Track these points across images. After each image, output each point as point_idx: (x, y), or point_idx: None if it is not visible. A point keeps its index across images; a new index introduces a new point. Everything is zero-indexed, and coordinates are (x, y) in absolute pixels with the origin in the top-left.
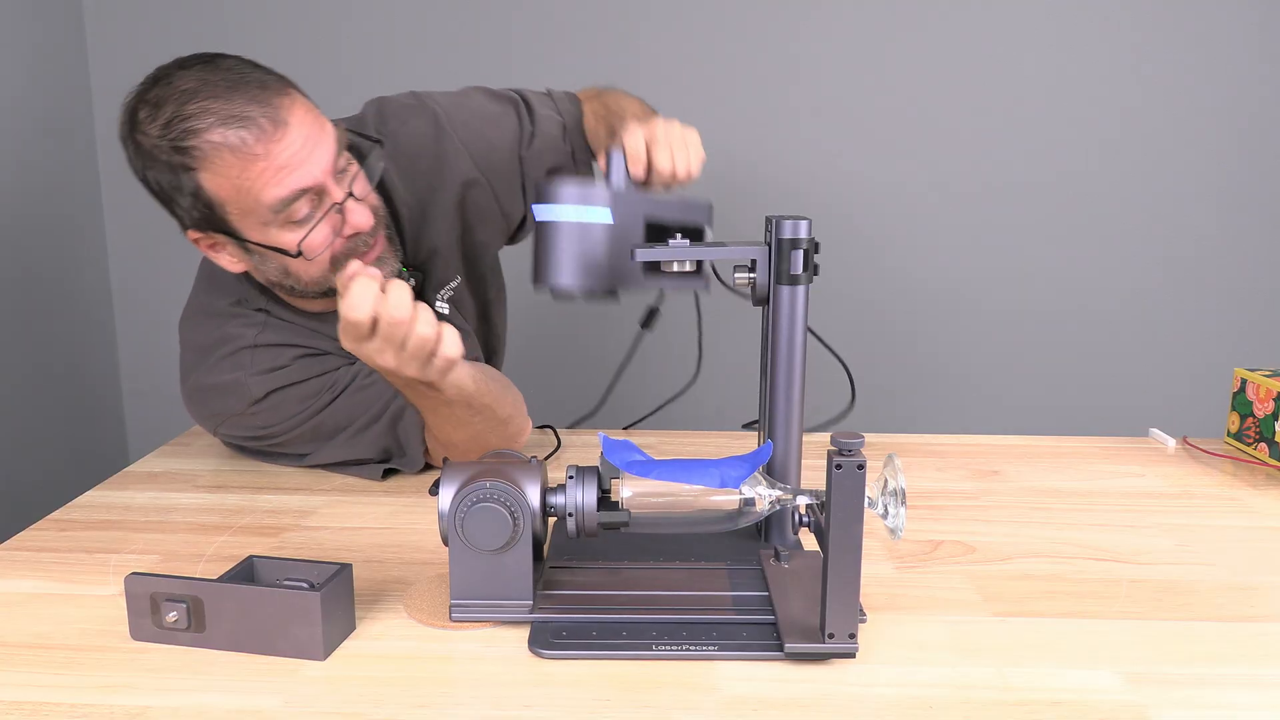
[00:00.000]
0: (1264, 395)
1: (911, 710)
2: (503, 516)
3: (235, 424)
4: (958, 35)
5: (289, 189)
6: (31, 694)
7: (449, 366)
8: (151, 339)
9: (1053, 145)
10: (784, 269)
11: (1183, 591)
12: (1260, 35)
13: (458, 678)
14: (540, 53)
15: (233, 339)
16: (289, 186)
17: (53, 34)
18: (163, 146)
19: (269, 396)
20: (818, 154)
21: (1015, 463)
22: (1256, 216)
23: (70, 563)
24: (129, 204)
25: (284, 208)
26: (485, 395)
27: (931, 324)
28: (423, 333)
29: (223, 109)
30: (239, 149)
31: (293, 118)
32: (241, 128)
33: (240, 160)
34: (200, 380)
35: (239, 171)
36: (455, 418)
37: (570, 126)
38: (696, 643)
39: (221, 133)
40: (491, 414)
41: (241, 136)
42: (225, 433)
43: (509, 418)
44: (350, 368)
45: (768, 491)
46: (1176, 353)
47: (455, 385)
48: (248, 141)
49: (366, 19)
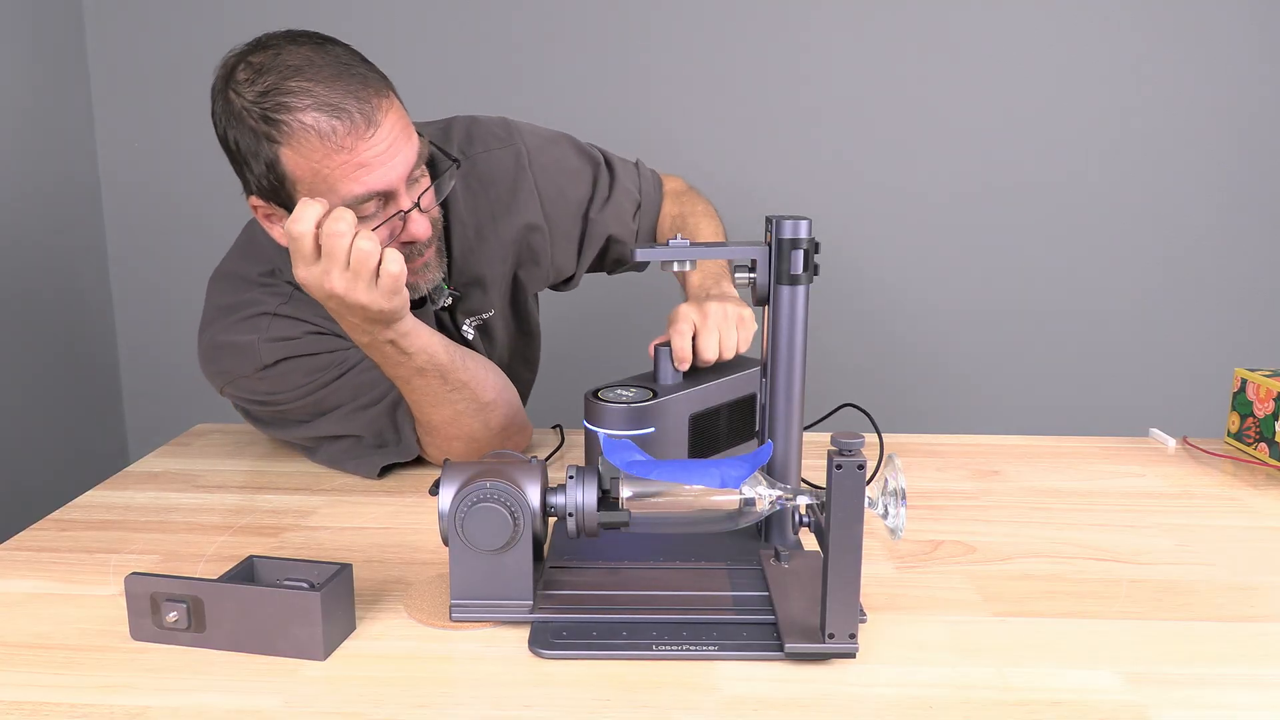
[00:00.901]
0: (1264, 395)
1: (911, 710)
2: (503, 516)
3: (241, 385)
4: (958, 36)
5: (365, 188)
6: (31, 694)
7: (395, 285)
8: (151, 339)
9: (1053, 145)
10: (784, 269)
11: (1183, 591)
12: (1260, 35)
13: (458, 678)
14: (543, 52)
15: (255, 303)
16: (366, 185)
17: (53, 34)
18: (254, 111)
19: (278, 364)
20: (818, 154)
21: (1015, 463)
22: (1256, 216)
23: (70, 563)
24: (129, 204)
25: (355, 204)
26: (460, 371)
27: (931, 324)
28: (363, 246)
29: (322, 94)
30: (328, 136)
31: (386, 120)
32: (335, 117)
33: (326, 147)
34: (216, 337)
35: (321, 157)
36: (430, 391)
37: (645, 208)
38: (696, 643)
39: (315, 116)
40: (470, 394)
41: (333, 125)
42: (232, 393)
43: (491, 403)
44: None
45: (768, 491)
46: (1176, 353)
47: (423, 350)
48: (339, 131)
49: (367, 19)
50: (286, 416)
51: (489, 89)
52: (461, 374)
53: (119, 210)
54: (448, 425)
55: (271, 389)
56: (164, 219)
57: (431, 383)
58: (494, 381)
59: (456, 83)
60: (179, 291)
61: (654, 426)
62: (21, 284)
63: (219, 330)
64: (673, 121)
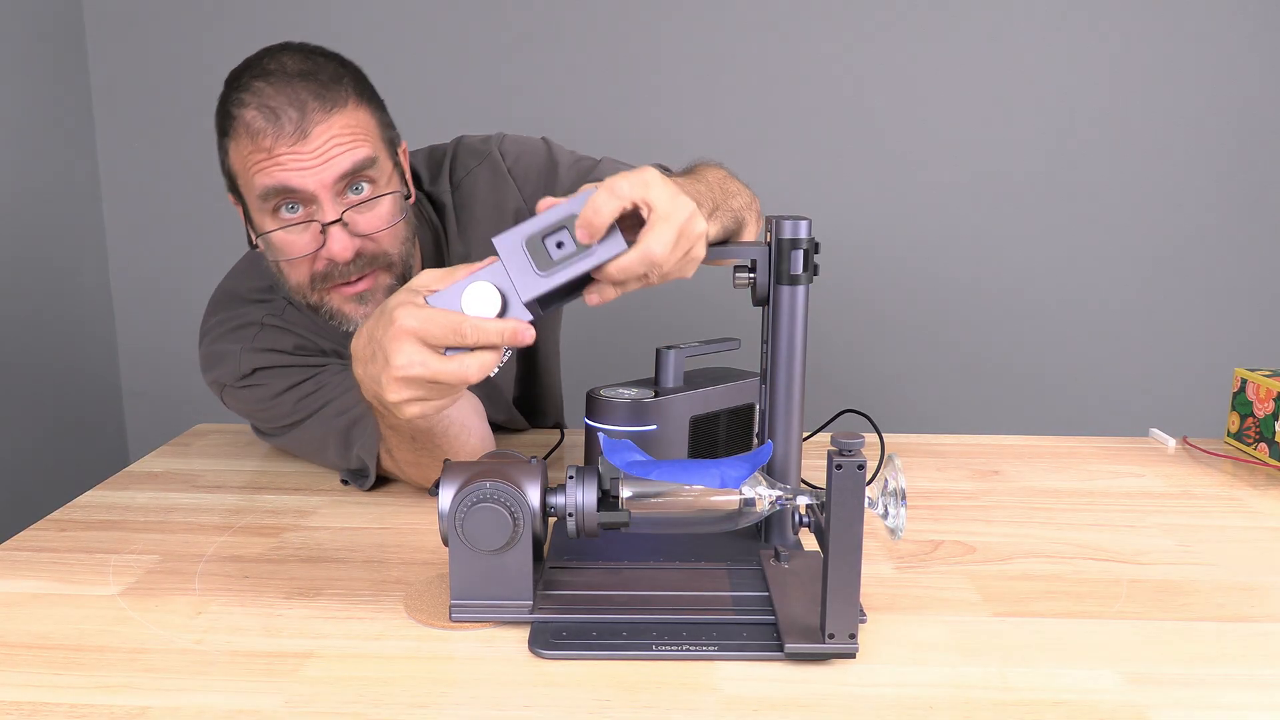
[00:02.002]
0: (1264, 395)
1: (911, 710)
2: (503, 516)
3: (233, 395)
4: (958, 36)
5: (274, 181)
6: (31, 694)
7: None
8: (151, 339)
9: (1053, 145)
10: (784, 269)
11: (1183, 591)
12: (1260, 35)
13: (458, 678)
14: (541, 52)
15: (245, 314)
16: (275, 179)
17: (53, 35)
18: (221, 105)
19: (255, 374)
20: (818, 154)
21: (1015, 463)
22: (1256, 216)
23: (70, 563)
24: (129, 204)
25: (267, 197)
26: (440, 438)
27: (931, 324)
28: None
29: (269, 94)
30: (255, 134)
31: (320, 133)
32: (266, 119)
33: (252, 145)
34: (208, 346)
35: (248, 152)
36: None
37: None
38: (696, 643)
39: (252, 114)
40: (442, 454)
41: (263, 126)
42: (230, 403)
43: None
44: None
45: (768, 491)
46: (1176, 353)
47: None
48: (265, 131)
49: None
50: (274, 423)
51: (489, 90)
52: (440, 440)
53: (119, 210)
54: (410, 466)
55: (256, 398)
56: (164, 219)
57: (405, 440)
58: (472, 447)
59: (457, 84)
60: (179, 292)
61: (655, 424)
62: (21, 284)
63: (211, 340)
64: (673, 122)
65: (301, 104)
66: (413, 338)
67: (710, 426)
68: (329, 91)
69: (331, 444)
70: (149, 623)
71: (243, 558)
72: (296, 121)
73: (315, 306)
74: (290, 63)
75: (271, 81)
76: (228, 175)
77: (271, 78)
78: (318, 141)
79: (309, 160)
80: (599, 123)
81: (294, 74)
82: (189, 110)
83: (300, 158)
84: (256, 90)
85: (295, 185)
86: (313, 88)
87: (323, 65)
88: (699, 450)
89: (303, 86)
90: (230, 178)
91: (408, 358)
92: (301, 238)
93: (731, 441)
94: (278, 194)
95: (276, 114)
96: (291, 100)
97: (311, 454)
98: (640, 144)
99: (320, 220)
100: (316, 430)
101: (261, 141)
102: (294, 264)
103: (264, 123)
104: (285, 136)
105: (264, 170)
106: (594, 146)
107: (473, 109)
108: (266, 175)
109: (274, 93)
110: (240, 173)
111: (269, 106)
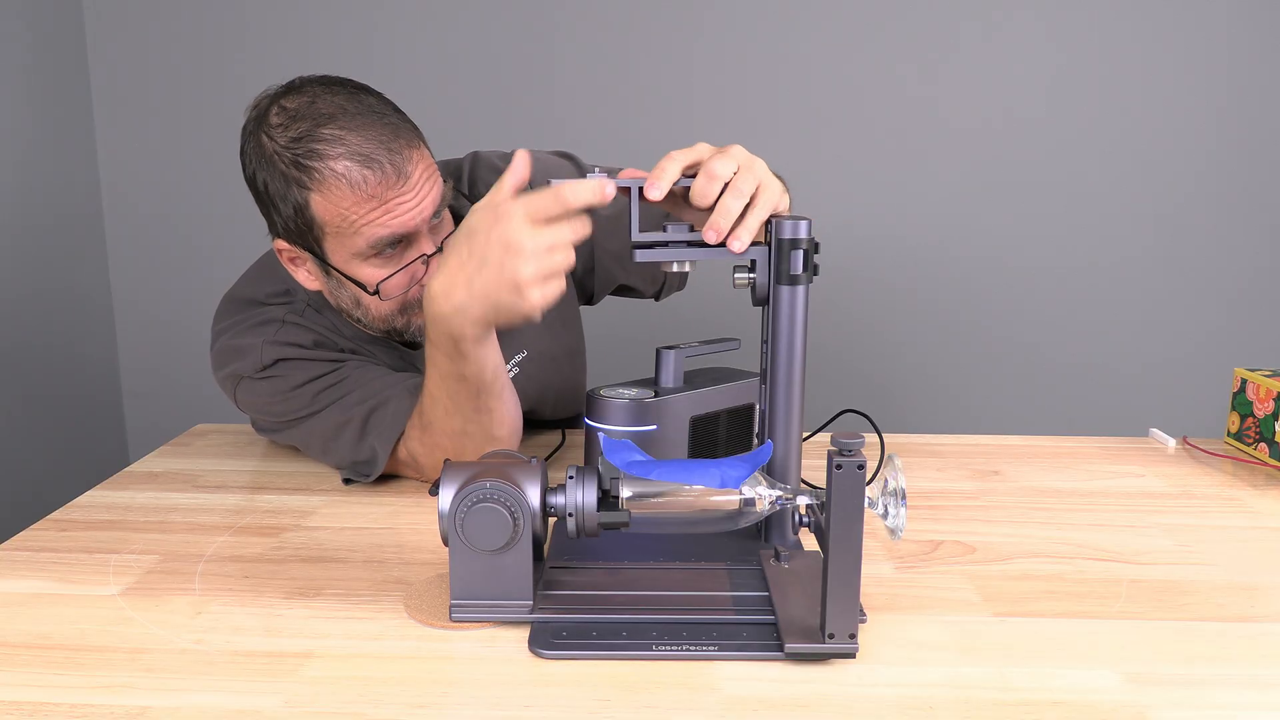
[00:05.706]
0: (1264, 395)
1: (911, 710)
2: (503, 516)
3: (249, 387)
4: (958, 36)
5: (389, 230)
6: (31, 694)
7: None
8: (151, 339)
9: (1053, 145)
10: (784, 269)
11: (1183, 591)
12: (1260, 35)
13: (458, 678)
14: (540, 53)
15: (266, 313)
16: (390, 229)
17: (53, 35)
18: (285, 156)
19: (277, 364)
20: (817, 154)
21: (1015, 463)
22: (1257, 216)
23: (70, 563)
24: (129, 204)
25: (381, 248)
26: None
27: (931, 324)
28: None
29: (355, 142)
30: (359, 186)
31: (415, 171)
32: (367, 167)
33: (356, 196)
34: (225, 342)
35: (350, 205)
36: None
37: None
38: (696, 643)
39: (347, 165)
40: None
41: (365, 175)
42: (244, 396)
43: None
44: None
45: (768, 491)
46: (1176, 353)
47: (478, 360)
48: (370, 181)
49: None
50: (288, 415)
51: (488, 91)
52: (492, 401)
53: (119, 210)
54: (448, 436)
55: (276, 388)
56: (164, 220)
57: (468, 397)
58: (512, 422)
59: (457, 87)
60: (179, 292)
61: (655, 424)
62: (21, 284)
63: (228, 338)
64: (673, 123)
65: (386, 145)
66: (524, 219)
67: (710, 427)
68: (395, 125)
69: (347, 431)
70: (149, 623)
71: (243, 558)
72: (397, 165)
73: (400, 330)
74: (346, 104)
75: (345, 126)
76: (301, 225)
77: (341, 121)
78: (415, 179)
79: (411, 200)
80: (599, 123)
81: (355, 114)
82: (189, 111)
83: (405, 200)
84: (337, 138)
85: (411, 229)
86: (385, 126)
87: (371, 100)
88: (699, 450)
89: (378, 126)
90: (305, 227)
91: (533, 236)
92: (404, 275)
93: (731, 441)
94: (394, 241)
95: (371, 160)
96: (378, 144)
97: (320, 446)
98: (640, 144)
99: (424, 252)
100: (335, 418)
101: (371, 190)
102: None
103: (365, 171)
104: (390, 181)
105: (378, 221)
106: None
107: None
108: (381, 226)
109: (359, 140)
110: (338, 224)
111: (361, 154)
